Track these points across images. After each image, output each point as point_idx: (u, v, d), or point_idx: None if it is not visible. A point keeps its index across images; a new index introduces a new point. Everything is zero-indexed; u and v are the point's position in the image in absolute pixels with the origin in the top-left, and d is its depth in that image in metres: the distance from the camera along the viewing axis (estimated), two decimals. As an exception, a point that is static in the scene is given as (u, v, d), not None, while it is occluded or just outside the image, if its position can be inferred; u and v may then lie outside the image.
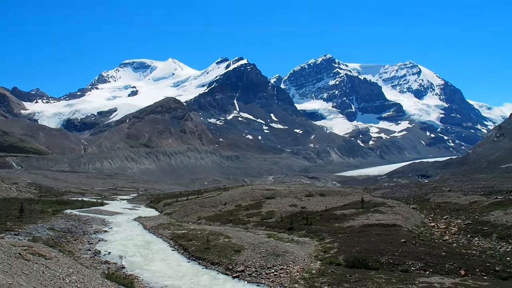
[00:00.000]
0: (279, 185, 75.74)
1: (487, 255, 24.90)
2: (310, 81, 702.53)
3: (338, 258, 23.53)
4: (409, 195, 69.37)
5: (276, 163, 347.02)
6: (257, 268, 22.25)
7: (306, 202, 47.26)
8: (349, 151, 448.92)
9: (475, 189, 71.48)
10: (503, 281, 19.10)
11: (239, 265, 22.70)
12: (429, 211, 44.65)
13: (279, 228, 35.89)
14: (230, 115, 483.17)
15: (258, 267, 22.39)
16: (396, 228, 32.06)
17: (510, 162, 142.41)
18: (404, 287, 17.52)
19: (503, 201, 43.78)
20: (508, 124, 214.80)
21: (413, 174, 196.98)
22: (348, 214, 38.41)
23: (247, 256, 24.36)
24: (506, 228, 32.35)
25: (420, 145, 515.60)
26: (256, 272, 21.73)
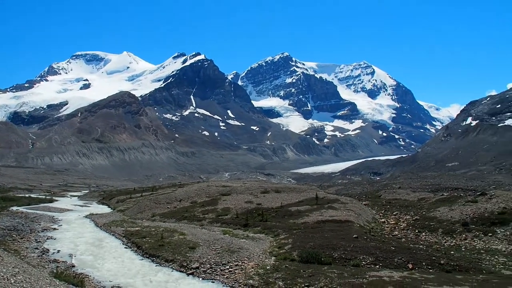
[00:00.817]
0: (235, 182, 75.78)
1: (433, 249, 26.06)
2: (267, 78, 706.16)
3: (292, 253, 23.85)
4: (362, 192, 71.31)
5: (232, 160, 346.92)
6: (212, 264, 22.20)
7: (261, 199, 47.54)
8: (305, 148, 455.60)
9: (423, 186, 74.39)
10: (447, 273, 20.06)
11: (194, 262, 22.55)
12: (380, 207, 46.09)
13: (234, 225, 35.93)
14: (186, 111, 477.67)
15: (213, 263, 22.35)
16: (348, 224, 32.88)
17: (456, 160, 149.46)
18: (355, 281, 18.00)
19: (448, 198, 45.89)
20: (455, 124, 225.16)
21: (366, 171, 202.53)
22: (302, 211, 38.96)
23: (202, 253, 24.25)
24: (451, 224, 33.97)
25: (372, 143, 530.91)
26: (211, 268, 21.68)
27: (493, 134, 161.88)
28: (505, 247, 27.88)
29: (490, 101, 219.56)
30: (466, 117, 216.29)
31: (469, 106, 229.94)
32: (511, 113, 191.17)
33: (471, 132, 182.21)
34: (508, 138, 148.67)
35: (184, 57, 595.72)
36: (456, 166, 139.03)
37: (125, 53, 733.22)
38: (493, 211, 34.42)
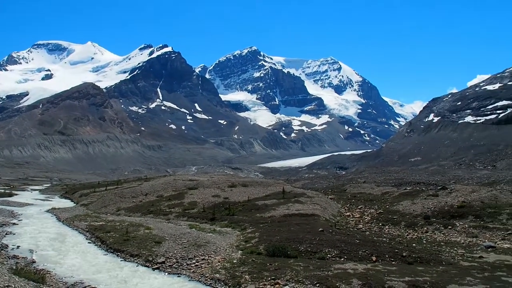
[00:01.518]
0: (202, 176, 75.35)
1: (396, 242, 26.75)
2: (235, 72, 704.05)
3: (259, 247, 23.95)
4: (328, 186, 72.38)
5: (199, 154, 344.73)
6: (178, 259, 22.02)
7: (229, 193, 47.49)
8: (272, 143, 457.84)
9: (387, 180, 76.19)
10: (408, 265, 20.63)
11: (160, 257, 22.31)
12: (346, 201, 46.91)
13: (201, 219, 35.76)
14: (152, 104, 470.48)
15: (179, 258, 22.17)
16: (314, 217, 33.28)
17: (418, 156, 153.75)
18: (320, 274, 18.24)
19: (411, 192, 47.21)
20: (417, 120, 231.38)
21: (332, 166, 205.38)
22: (269, 204, 39.18)
23: (168, 247, 24.01)
24: (413, 217, 34.97)
25: (338, 138, 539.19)
26: (177, 263, 21.50)
27: (454, 131, 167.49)
28: (464, 239, 28.93)
29: (451, 99, 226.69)
30: (428, 114, 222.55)
31: (431, 103, 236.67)
32: (470, 110, 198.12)
33: (433, 128, 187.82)
34: (467, 134, 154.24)
35: (150, 49, 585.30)
36: (419, 161, 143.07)
37: (90, 43, 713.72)
38: (452, 205, 35.64)
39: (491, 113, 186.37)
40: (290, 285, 17.32)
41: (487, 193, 37.93)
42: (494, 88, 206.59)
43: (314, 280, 17.52)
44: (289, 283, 17.52)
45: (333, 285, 16.92)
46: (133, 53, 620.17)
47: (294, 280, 17.73)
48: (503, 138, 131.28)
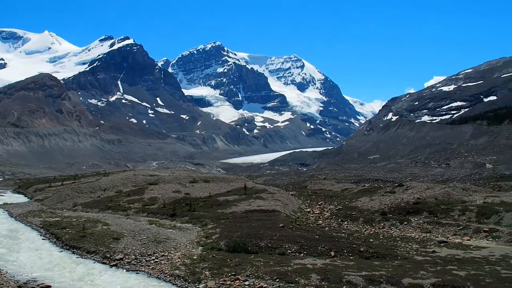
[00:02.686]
0: (163, 171, 74.39)
1: (354, 238, 27.38)
2: (198, 67, 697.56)
3: (219, 243, 23.93)
4: (289, 182, 73.13)
5: (160, 149, 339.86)
6: (137, 255, 21.67)
7: (190, 188, 47.14)
8: (235, 138, 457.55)
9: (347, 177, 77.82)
10: (366, 260, 21.18)
11: (118, 253, 21.86)
12: (306, 197, 47.55)
13: (161, 215, 35.36)
14: (113, 97, 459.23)
15: (138, 254, 21.82)
16: (275, 213, 33.56)
17: (377, 153, 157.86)
18: (280, 269, 18.41)
19: (369, 189, 48.41)
20: (377, 119, 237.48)
21: (293, 162, 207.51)
22: (231, 200, 39.19)
23: (126, 244, 23.57)
24: (371, 213, 35.91)
25: (300, 135, 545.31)
26: (136, 259, 21.15)
27: (411, 129, 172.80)
28: (418, 234, 29.98)
29: (409, 98, 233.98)
30: (387, 113, 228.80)
31: (390, 103, 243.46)
32: (427, 110, 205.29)
33: (391, 127, 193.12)
34: (423, 133, 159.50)
35: (111, 41, 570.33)
36: (377, 158, 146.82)
37: (47, 33, 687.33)
38: (408, 201, 36.84)
39: (446, 113, 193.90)
40: (250, 281, 17.39)
41: (440, 190, 39.43)
42: (449, 89, 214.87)
43: (274, 275, 17.66)
44: (249, 279, 17.59)
45: (292, 280, 17.12)
46: (93, 44, 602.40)
47: (254, 276, 17.82)
48: (456, 138, 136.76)
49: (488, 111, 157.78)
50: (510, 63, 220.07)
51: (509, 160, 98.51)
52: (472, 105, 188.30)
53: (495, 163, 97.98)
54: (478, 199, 36.00)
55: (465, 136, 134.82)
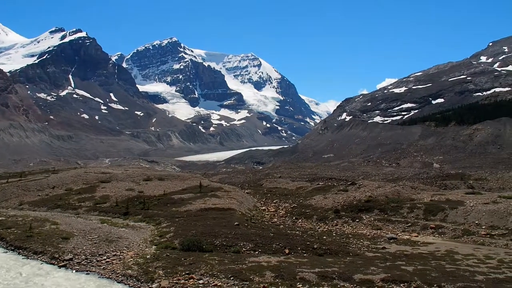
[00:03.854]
0: (116, 169, 72.52)
1: (308, 235, 27.83)
2: (154, 63, 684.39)
3: (174, 242, 23.65)
4: (245, 180, 73.25)
5: (113, 146, 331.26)
6: (88, 255, 21.02)
7: (144, 186, 46.29)
8: (190, 136, 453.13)
9: (301, 175, 78.88)
10: (319, 257, 21.58)
11: (67, 253, 21.12)
12: (262, 195, 47.87)
13: (113, 213, 34.53)
14: (63, 91, 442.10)
15: (89, 254, 21.17)
16: (231, 211, 33.57)
17: (331, 152, 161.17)
18: (235, 267, 18.42)
19: (323, 187, 49.40)
20: (331, 119, 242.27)
21: (249, 160, 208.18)
22: (186, 199, 38.83)
23: (76, 243, 22.81)
24: (325, 211, 36.65)
25: (257, 133, 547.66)
26: (86, 260, 20.51)
27: (364, 129, 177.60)
28: (369, 231, 30.90)
29: (362, 99, 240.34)
30: (341, 113, 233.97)
31: (344, 103, 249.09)
32: (379, 111, 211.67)
33: (345, 127, 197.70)
34: (375, 133, 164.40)
35: (62, 33, 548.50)
36: (331, 157, 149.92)
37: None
38: (360, 199, 37.90)
39: (397, 114, 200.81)
40: (204, 279, 17.29)
41: (391, 189, 40.82)
42: (400, 91, 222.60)
43: (228, 273, 17.65)
44: (204, 277, 17.49)
45: (247, 278, 17.17)
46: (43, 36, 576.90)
47: (209, 274, 17.74)
48: (406, 138, 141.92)
49: (436, 113, 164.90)
50: (457, 67, 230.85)
51: (454, 160, 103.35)
52: (421, 107, 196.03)
53: (441, 162, 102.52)
54: (425, 197, 37.53)
55: (415, 137, 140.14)
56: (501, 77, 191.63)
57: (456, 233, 28.95)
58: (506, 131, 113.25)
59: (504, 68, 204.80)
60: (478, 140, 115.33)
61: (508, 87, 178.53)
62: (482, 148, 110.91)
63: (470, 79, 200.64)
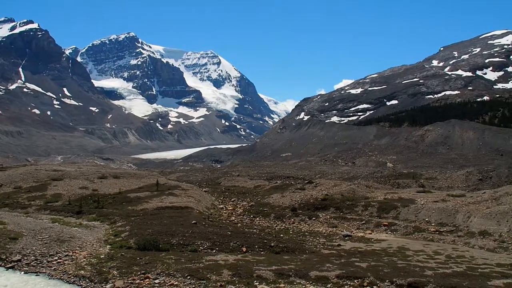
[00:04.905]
0: (69, 166, 70.15)
1: (265, 233, 28.03)
2: (110, 57, 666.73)
3: (129, 241, 23.19)
4: (203, 178, 72.85)
5: (66, 142, 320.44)
6: (38, 256, 20.21)
7: (98, 185, 45.04)
8: (147, 133, 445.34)
9: (259, 174, 79.29)
10: (276, 254, 21.79)
11: (15, 254, 20.21)
12: (220, 194, 47.78)
13: (66, 212, 33.43)
14: (13, 85, 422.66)
15: (39, 255, 20.36)
16: (188, 210, 33.27)
17: (289, 151, 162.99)
18: (192, 266, 18.28)
19: (281, 186, 49.89)
20: (290, 118, 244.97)
21: (208, 159, 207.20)
22: (142, 197, 38.16)
23: (25, 244, 21.86)
24: (282, 209, 37.05)
25: (215, 131, 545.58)
26: (36, 260, 19.71)
27: (321, 129, 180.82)
28: (325, 229, 31.52)
29: (320, 99, 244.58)
30: (299, 112, 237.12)
31: (302, 103, 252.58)
32: (336, 111, 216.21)
33: (303, 126, 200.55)
34: (332, 133, 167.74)
35: (12, 24, 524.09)
36: (289, 156, 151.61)
37: None
38: (317, 198, 38.55)
39: (353, 114, 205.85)
40: (160, 279, 17.05)
41: (346, 187, 41.77)
42: (357, 92, 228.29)
43: (185, 272, 17.49)
44: (160, 277, 17.25)
45: (204, 277, 17.08)
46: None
47: (165, 274, 17.51)
48: (362, 138, 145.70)
49: (390, 114, 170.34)
50: (410, 70, 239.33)
51: (407, 159, 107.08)
52: (376, 108, 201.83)
53: (395, 162, 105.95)
54: (379, 196, 38.66)
55: (370, 137, 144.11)
56: (451, 81, 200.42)
57: (407, 230, 30.04)
58: (455, 133, 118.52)
59: (454, 72, 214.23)
60: (429, 140, 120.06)
61: (457, 90, 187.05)
62: (432, 148, 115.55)
63: (422, 82, 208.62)
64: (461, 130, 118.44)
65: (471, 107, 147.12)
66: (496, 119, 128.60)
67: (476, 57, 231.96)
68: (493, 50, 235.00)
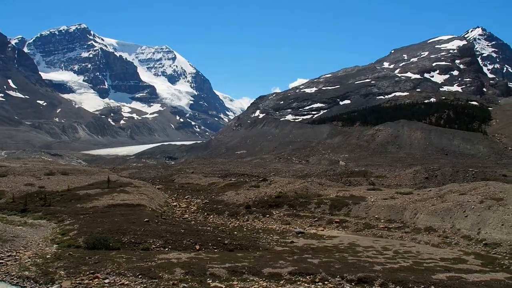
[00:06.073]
0: (13, 162, 67.01)
1: (219, 231, 27.92)
2: (60, 49, 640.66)
3: (78, 240, 22.44)
4: (156, 176, 71.60)
5: (11, 137, 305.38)
6: (-23, 257, 19.11)
7: (45, 181, 43.26)
8: (99, 129, 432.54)
9: (214, 171, 78.94)
10: (230, 252, 21.77)
11: (-48, 256, 19.02)
12: (173, 191, 47.17)
13: (9, 210, 31.92)
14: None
15: (-22, 255, 19.25)
16: (140, 207, 32.63)
17: (244, 149, 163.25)
18: (143, 265, 17.91)
19: (235, 183, 49.90)
20: (245, 115, 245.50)
21: (161, 155, 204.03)
22: (92, 194, 37.03)
23: (-36, 244, 20.64)
24: (236, 206, 37.08)
25: (169, 128, 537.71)
26: (-25, 262, 18.62)
27: (276, 127, 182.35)
28: (279, 226, 31.84)
29: (275, 97, 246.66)
30: (255, 110, 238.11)
31: (258, 100, 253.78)
32: (291, 109, 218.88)
33: (258, 124, 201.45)
34: (287, 131, 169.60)
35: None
36: (244, 154, 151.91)
37: None
38: (271, 195, 38.85)
39: (308, 113, 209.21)
40: (110, 278, 16.58)
41: (300, 185, 42.38)
42: (311, 92, 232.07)
43: (136, 271, 17.11)
44: (110, 276, 16.77)
45: (156, 276, 16.77)
46: None
47: (116, 273, 17.04)
48: (315, 136, 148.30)
49: (343, 113, 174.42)
50: (362, 71, 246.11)
51: (358, 158, 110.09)
52: (330, 107, 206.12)
53: (347, 160, 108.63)
54: (331, 193, 39.50)
55: (323, 135, 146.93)
56: (401, 82, 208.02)
57: (358, 227, 30.90)
58: (404, 132, 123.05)
59: (403, 74, 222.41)
60: (380, 140, 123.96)
61: (407, 91, 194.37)
62: (383, 147, 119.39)
63: (374, 83, 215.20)
64: (410, 130, 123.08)
65: (419, 108, 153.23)
66: (442, 120, 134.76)
67: (424, 61, 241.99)
68: (439, 54, 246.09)
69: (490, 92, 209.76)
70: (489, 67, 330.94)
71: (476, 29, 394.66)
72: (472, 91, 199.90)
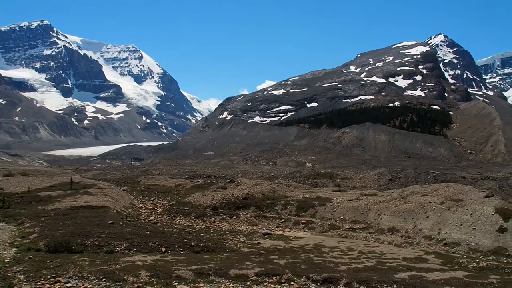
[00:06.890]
0: (-30, 162, 64.26)
1: (185, 232, 27.69)
2: (21, 46, 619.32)
3: (38, 243, 21.75)
4: (121, 177, 70.32)
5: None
6: None
7: (4, 183, 41.78)
8: (61, 129, 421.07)
9: (181, 173, 78.30)
10: (196, 254, 21.62)
11: None
12: (139, 193, 46.47)
13: (-35, 213, 30.54)
14: None
15: None
16: (105, 209, 31.97)
17: (211, 150, 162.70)
18: (107, 268, 17.54)
19: (202, 184, 49.65)
20: (213, 117, 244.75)
21: (127, 156, 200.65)
22: (54, 196, 36.01)
23: None
24: (203, 208, 36.89)
25: (135, 128, 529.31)
26: None
27: (244, 129, 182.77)
28: (246, 228, 31.88)
29: (243, 99, 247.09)
30: (222, 111, 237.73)
31: (226, 102, 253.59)
32: (259, 111, 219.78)
33: (226, 125, 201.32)
34: (255, 133, 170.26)
35: None
36: (212, 155, 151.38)
37: None
38: (238, 197, 38.87)
39: (275, 115, 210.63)
40: (73, 282, 16.14)
41: (267, 186, 42.56)
42: (279, 94, 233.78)
43: (100, 274, 16.73)
44: (72, 280, 16.32)
45: (120, 279, 16.46)
46: None
47: (78, 276, 16.61)
48: (283, 138, 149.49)
49: (310, 116, 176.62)
50: (329, 74, 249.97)
51: (325, 160, 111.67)
52: (297, 110, 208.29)
53: (313, 162, 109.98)
54: (298, 195, 39.86)
55: (290, 137, 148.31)
56: (367, 86, 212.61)
57: (324, 228, 31.32)
58: (369, 135, 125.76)
59: (369, 78, 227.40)
60: (346, 142, 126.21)
61: (372, 95, 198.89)
62: (348, 149, 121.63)
63: (340, 86, 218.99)
64: (375, 133, 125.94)
65: (384, 112, 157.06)
66: (405, 123, 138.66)
67: (389, 65, 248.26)
68: (404, 59, 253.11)
69: (451, 97, 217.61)
70: (450, 72, 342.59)
71: (439, 35, 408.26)
72: (434, 95, 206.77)
